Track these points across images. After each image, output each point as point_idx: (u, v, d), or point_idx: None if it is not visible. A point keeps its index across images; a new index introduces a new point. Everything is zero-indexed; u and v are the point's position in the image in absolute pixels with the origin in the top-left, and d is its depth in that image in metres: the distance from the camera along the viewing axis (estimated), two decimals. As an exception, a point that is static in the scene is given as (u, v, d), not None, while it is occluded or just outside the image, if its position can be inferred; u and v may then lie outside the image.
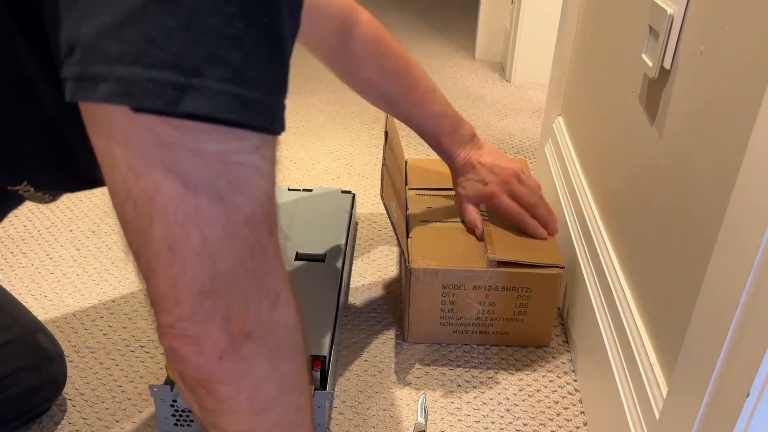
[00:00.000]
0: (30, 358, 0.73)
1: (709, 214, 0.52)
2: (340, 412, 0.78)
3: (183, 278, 0.38)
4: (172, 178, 0.35)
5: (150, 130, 0.35)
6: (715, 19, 0.54)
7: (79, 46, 0.34)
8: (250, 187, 0.38)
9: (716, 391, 0.46)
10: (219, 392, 0.42)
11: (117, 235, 1.12)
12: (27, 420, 0.74)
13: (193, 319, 0.39)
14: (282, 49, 0.38)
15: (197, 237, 0.37)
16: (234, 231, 0.38)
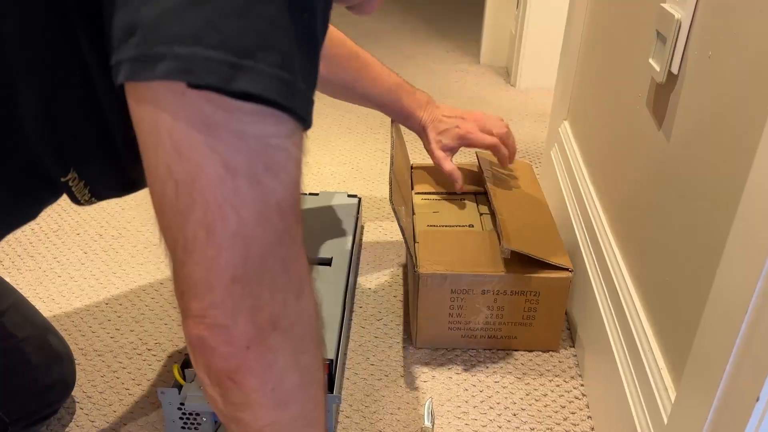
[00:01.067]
0: (40, 357, 0.74)
1: (718, 218, 0.52)
2: (347, 416, 0.78)
3: (218, 262, 0.39)
4: (214, 159, 0.37)
5: (198, 110, 0.36)
6: (722, 24, 0.54)
7: (140, 28, 0.36)
8: (284, 173, 0.40)
9: (725, 395, 0.46)
10: (245, 383, 0.42)
11: (124, 238, 1.12)
12: (36, 421, 0.74)
13: (223, 306, 0.40)
14: (316, 45, 0.41)
15: (234, 219, 0.38)
16: (267, 215, 0.39)
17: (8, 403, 0.69)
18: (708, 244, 0.54)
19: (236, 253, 0.39)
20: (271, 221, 0.40)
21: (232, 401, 0.44)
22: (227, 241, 0.39)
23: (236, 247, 0.39)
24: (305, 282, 0.44)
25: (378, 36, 2.23)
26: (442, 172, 0.95)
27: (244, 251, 0.39)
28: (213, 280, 0.40)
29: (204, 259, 0.39)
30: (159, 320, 0.94)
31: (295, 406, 0.46)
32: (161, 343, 0.89)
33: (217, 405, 0.45)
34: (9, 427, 0.70)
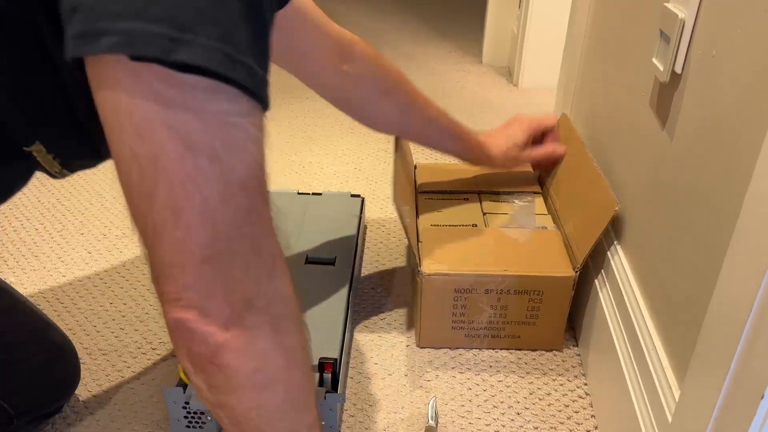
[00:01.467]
0: (42, 352, 0.74)
1: (722, 217, 0.52)
2: (351, 415, 0.79)
3: (187, 243, 0.40)
4: (174, 138, 0.38)
5: (151, 88, 0.37)
6: (726, 23, 0.54)
7: (82, 6, 0.37)
8: (245, 152, 0.40)
9: (730, 393, 0.46)
10: (227, 366, 0.43)
11: (128, 238, 1.13)
12: (41, 416, 0.75)
13: (197, 288, 0.41)
14: (263, 23, 0.41)
15: (198, 199, 0.39)
16: (231, 194, 0.40)
17: (13, 396, 0.70)
18: (712, 241, 0.54)
19: (204, 232, 0.40)
20: (236, 200, 0.40)
21: (215, 385, 0.44)
22: (194, 221, 0.39)
23: (203, 226, 0.40)
24: (277, 262, 0.44)
25: (379, 36, 2.23)
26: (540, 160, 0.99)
27: (211, 231, 0.40)
28: (184, 261, 0.40)
29: (173, 240, 0.40)
30: (163, 319, 0.94)
31: (280, 389, 0.46)
32: (165, 343, 0.90)
33: (203, 393, 0.45)
34: (14, 419, 0.70)
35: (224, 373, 0.43)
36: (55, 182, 1.29)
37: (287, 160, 1.39)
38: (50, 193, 1.26)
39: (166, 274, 0.41)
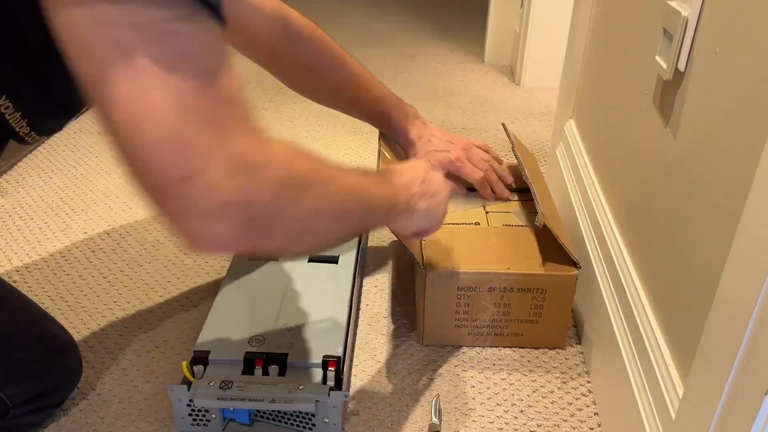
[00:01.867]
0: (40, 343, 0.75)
1: (725, 214, 0.53)
2: (355, 413, 0.79)
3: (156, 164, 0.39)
4: (117, 54, 0.38)
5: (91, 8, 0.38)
6: (730, 21, 0.54)
7: None
8: (193, 57, 0.40)
9: (733, 390, 0.46)
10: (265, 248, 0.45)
11: (131, 236, 1.13)
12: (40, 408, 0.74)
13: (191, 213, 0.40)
14: None
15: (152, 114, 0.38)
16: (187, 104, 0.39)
17: (9, 387, 0.70)
18: (715, 238, 0.54)
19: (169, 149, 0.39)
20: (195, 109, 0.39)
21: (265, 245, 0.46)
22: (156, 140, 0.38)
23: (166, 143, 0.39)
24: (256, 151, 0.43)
25: (381, 35, 2.23)
26: None
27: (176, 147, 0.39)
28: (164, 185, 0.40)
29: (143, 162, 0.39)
30: (167, 318, 0.94)
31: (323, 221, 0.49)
32: (169, 341, 0.90)
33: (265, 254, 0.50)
34: (11, 410, 0.70)
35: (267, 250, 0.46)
36: (59, 181, 1.30)
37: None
38: (54, 192, 1.26)
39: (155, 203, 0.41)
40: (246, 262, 0.93)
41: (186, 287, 1.01)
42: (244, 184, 0.41)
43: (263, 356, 0.75)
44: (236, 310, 0.83)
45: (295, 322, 0.81)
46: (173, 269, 1.05)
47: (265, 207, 0.43)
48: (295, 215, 0.46)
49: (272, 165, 0.44)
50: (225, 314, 0.83)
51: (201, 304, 0.97)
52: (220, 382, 0.72)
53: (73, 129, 1.52)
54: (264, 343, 0.77)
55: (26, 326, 0.75)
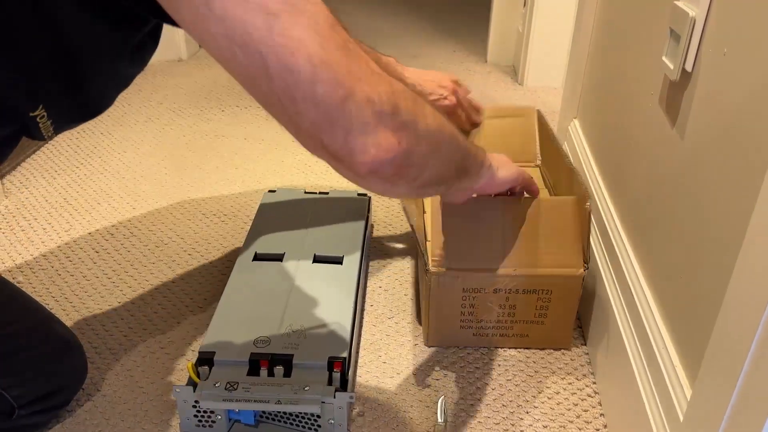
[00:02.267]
0: (46, 344, 0.75)
1: (734, 216, 0.52)
2: (360, 414, 0.79)
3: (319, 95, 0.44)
4: (255, 11, 0.41)
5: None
6: (738, 21, 0.54)
7: None
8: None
9: (743, 392, 0.46)
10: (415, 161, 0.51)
11: (135, 237, 1.13)
12: (46, 409, 0.75)
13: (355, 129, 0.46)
14: None
15: (303, 52, 0.42)
16: (327, 35, 0.44)
17: (15, 387, 0.70)
18: (724, 240, 0.54)
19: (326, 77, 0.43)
20: (332, 39, 0.44)
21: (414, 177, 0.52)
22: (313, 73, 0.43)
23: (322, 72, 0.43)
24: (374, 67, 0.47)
25: (384, 35, 2.23)
26: None
27: (330, 73, 0.43)
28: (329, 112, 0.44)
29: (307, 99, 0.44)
30: (172, 318, 0.94)
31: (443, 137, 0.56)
32: (174, 341, 0.90)
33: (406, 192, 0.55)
34: (17, 410, 0.70)
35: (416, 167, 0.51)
36: (63, 182, 1.30)
37: (294, 160, 1.39)
38: (58, 193, 1.26)
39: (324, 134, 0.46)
40: (251, 263, 0.93)
41: (191, 288, 1.01)
42: (387, 93, 0.47)
43: (269, 357, 0.75)
44: (241, 311, 0.83)
45: (301, 323, 0.81)
46: (178, 270, 1.05)
47: (406, 111, 0.48)
48: (426, 124, 0.51)
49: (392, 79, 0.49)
50: (230, 315, 0.83)
51: (206, 305, 0.97)
52: (225, 383, 0.72)
53: (77, 130, 1.52)
54: (269, 344, 0.77)
55: (32, 326, 0.75)
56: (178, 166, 1.36)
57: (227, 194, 1.26)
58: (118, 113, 1.61)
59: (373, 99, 0.46)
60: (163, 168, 1.36)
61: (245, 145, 1.44)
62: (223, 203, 1.23)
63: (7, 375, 0.70)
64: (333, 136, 0.46)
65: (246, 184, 1.29)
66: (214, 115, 1.62)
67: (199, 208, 1.22)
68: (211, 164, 1.37)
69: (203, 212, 1.20)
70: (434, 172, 0.56)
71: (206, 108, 1.65)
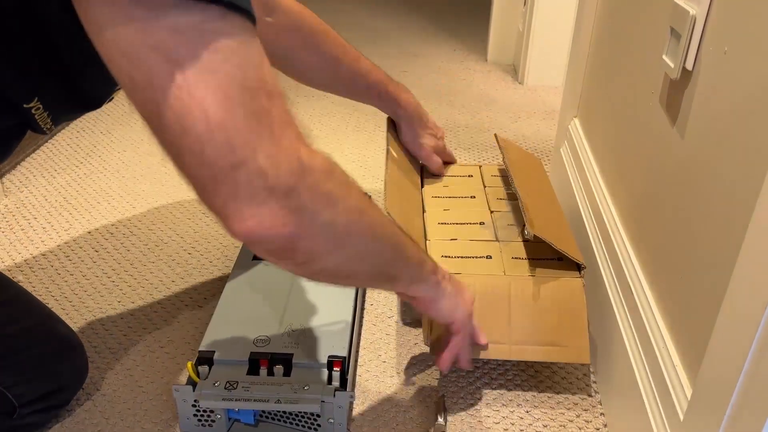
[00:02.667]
0: (48, 343, 0.75)
1: (734, 215, 0.52)
2: (360, 413, 0.79)
3: (207, 155, 0.41)
4: (159, 57, 0.39)
5: (127, 14, 0.39)
6: (738, 20, 0.54)
7: None
8: (234, 54, 0.41)
9: (743, 392, 0.46)
10: (301, 248, 0.47)
11: (135, 236, 1.13)
12: (47, 408, 0.74)
13: (240, 197, 0.42)
14: None
15: (200, 112, 0.40)
16: (232, 100, 0.41)
17: (17, 386, 0.70)
18: (724, 239, 0.54)
19: (219, 141, 0.41)
20: (240, 105, 0.41)
21: (300, 262, 0.49)
22: (205, 134, 0.40)
23: (216, 136, 0.40)
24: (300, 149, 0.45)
25: (385, 35, 2.23)
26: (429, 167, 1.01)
27: (225, 138, 0.41)
28: (214, 174, 0.42)
29: (193, 155, 0.41)
30: (172, 318, 0.94)
31: (356, 240, 0.52)
32: (174, 341, 0.90)
33: (293, 270, 0.51)
34: (18, 409, 0.70)
35: (302, 253, 0.48)
36: (62, 180, 1.30)
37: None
38: (57, 192, 1.26)
39: (206, 192, 0.43)
40: (250, 262, 0.93)
41: (190, 287, 1.00)
42: (290, 172, 0.44)
43: (268, 356, 0.75)
44: (241, 311, 0.83)
45: (300, 322, 0.81)
46: (177, 269, 1.04)
47: (308, 197, 0.45)
48: (334, 216, 0.48)
49: (316, 159, 0.46)
50: (230, 315, 0.83)
51: (206, 304, 0.97)
52: (225, 382, 0.72)
53: (76, 128, 1.52)
54: (269, 343, 0.77)
55: (33, 326, 0.75)
56: (177, 166, 1.36)
57: (227, 193, 1.26)
58: (118, 112, 1.61)
59: (267, 173, 0.42)
60: (163, 167, 1.36)
61: (245, 145, 1.44)
62: (223, 202, 1.23)
63: (8, 374, 0.70)
64: (214, 196, 0.43)
65: (246, 183, 1.29)
66: (214, 114, 1.61)
67: (198, 207, 1.21)
68: (211, 163, 1.37)
69: (203, 211, 1.20)
70: (334, 267, 0.52)
71: (206, 107, 1.65)
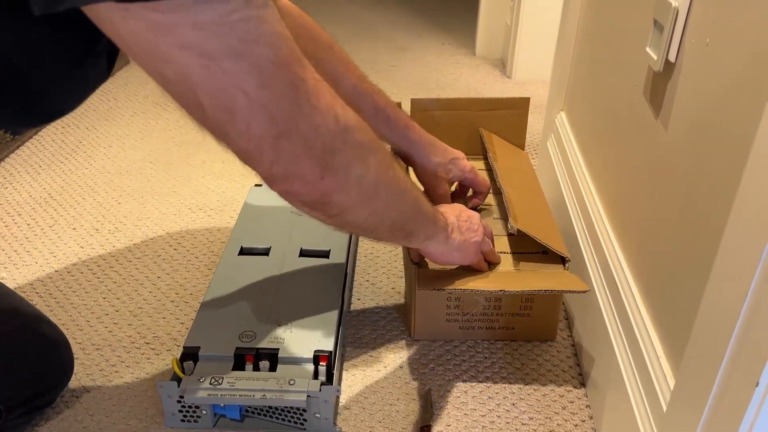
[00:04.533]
0: (33, 345, 0.74)
1: (716, 206, 0.52)
2: (347, 407, 0.78)
3: (253, 131, 0.45)
4: (190, 55, 0.40)
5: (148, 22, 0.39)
6: (720, 11, 0.54)
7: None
8: (261, 36, 0.42)
9: (724, 381, 0.46)
10: (335, 201, 0.53)
11: (120, 233, 1.12)
12: (33, 408, 0.74)
13: (282, 161, 0.47)
14: None
15: (242, 95, 0.43)
16: (268, 78, 0.43)
17: (3, 391, 0.69)
18: (706, 231, 0.54)
19: (262, 118, 0.44)
20: (276, 80, 0.44)
21: (333, 214, 0.54)
22: (248, 113, 0.43)
23: (259, 114, 0.44)
24: (335, 105, 0.49)
25: (373, 28, 2.22)
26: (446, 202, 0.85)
27: (267, 114, 0.44)
28: (259, 146, 0.46)
29: (239, 134, 0.45)
30: (157, 314, 0.93)
31: (382, 193, 0.57)
32: (159, 337, 0.89)
33: (324, 220, 0.56)
34: (3, 414, 0.70)
35: (335, 205, 0.53)
36: (47, 177, 1.28)
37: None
38: (42, 188, 1.25)
39: (250, 161, 0.47)
40: (236, 257, 0.92)
41: (176, 283, 1.00)
42: (328, 132, 0.48)
43: (254, 352, 0.75)
44: (227, 306, 0.83)
45: (286, 317, 0.80)
46: (163, 265, 1.04)
47: (344, 153, 0.50)
48: (365, 170, 0.53)
49: (349, 114, 0.50)
50: (215, 310, 0.82)
51: (191, 299, 0.96)
52: (210, 378, 0.72)
53: (61, 124, 1.51)
54: (254, 338, 0.77)
55: (19, 328, 0.74)
56: (163, 161, 1.35)
57: (213, 189, 1.25)
58: (104, 108, 1.60)
59: (307, 137, 0.47)
60: (149, 163, 1.35)
61: (232, 140, 1.43)
62: (209, 198, 1.23)
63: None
64: (258, 163, 0.48)
65: (232, 178, 1.28)
66: (201, 109, 1.60)
67: (185, 203, 1.21)
68: (198, 159, 1.36)
69: (189, 207, 1.20)
70: (360, 220, 0.57)
71: (193, 102, 1.64)
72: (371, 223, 0.59)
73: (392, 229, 0.63)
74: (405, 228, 0.65)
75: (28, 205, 1.19)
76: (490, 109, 0.93)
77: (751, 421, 0.44)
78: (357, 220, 0.57)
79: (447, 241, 0.72)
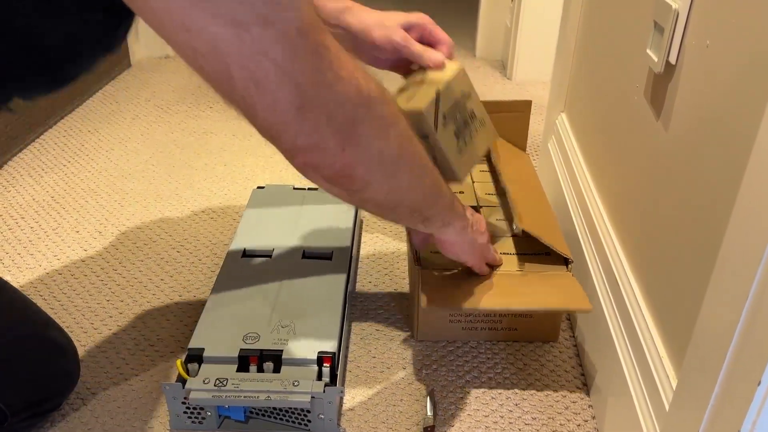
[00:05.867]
0: (41, 351, 0.74)
1: (718, 206, 0.53)
2: (350, 408, 0.79)
3: (279, 103, 0.45)
4: (219, 22, 0.40)
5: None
6: (720, 13, 0.54)
7: None
8: (288, 1, 0.42)
9: (727, 380, 0.47)
10: (356, 174, 0.52)
11: (124, 235, 1.12)
12: (38, 413, 0.74)
13: (305, 132, 0.47)
14: None
15: (269, 64, 0.43)
16: (295, 44, 0.43)
17: (8, 395, 0.70)
18: (707, 231, 0.54)
19: (288, 88, 0.44)
20: (300, 48, 0.44)
21: (354, 189, 0.54)
22: (275, 84, 0.44)
23: (286, 84, 0.44)
24: (357, 74, 0.48)
25: (373, 30, 2.23)
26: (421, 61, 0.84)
27: (293, 84, 0.44)
28: (284, 118, 0.46)
29: (266, 106, 0.45)
30: (161, 316, 0.94)
31: (404, 168, 0.56)
32: (163, 339, 0.90)
33: (345, 197, 0.55)
34: (9, 418, 0.70)
35: (357, 179, 0.52)
36: (50, 180, 1.29)
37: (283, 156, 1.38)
38: (44, 191, 1.25)
39: (274, 134, 0.47)
40: (239, 259, 0.93)
41: (179, 285, 1.00)
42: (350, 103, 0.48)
43: (258, 353, 0.75)
44: (230, 308, 0.83)
45: (290, 318, 0.81)
46: (166, 267, 1.04)
47: (366, 125, 0.50)
48: (386, 142, 0.53)
49: (371, 84, 0.50)
50: (219, 312, 0.83)
51: (195, 301, 0.97)
52: (215, 379, 0.72)
53: (63, 127, 1.51)
54: (258, 340, 0.77)
55: (28, 334, 0.74)
56: (166, 164, 1.36)
57: (216, 191, 1.26)
58: (106, 111, 1.60)
59: (330, 108, 0.47)
60: (151, 165, 1.35)
61: (234, 142, 1.44)
62: (212, 200, 1.23)
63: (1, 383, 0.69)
64: (281, 139, 0.48)
65: (235, 180, 1.29)
66: (203, 111, 1.61)
67: (187, 206, 1.21)
68: (200, 161, 1.36)
69: (192, 209, 1.20)
70: (380, 197, 0.57)
71: (194, 105, 1.65)
72: (391, 201, 0.59)
73: (412, 209, 0.63)
74: (423, 210, 0.64)
75: (31, 208, 1.20)
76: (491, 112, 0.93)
77: (753, 419, 0.44)
78: (377, 197, 0.56)
79: (463, 231, 0.72)
